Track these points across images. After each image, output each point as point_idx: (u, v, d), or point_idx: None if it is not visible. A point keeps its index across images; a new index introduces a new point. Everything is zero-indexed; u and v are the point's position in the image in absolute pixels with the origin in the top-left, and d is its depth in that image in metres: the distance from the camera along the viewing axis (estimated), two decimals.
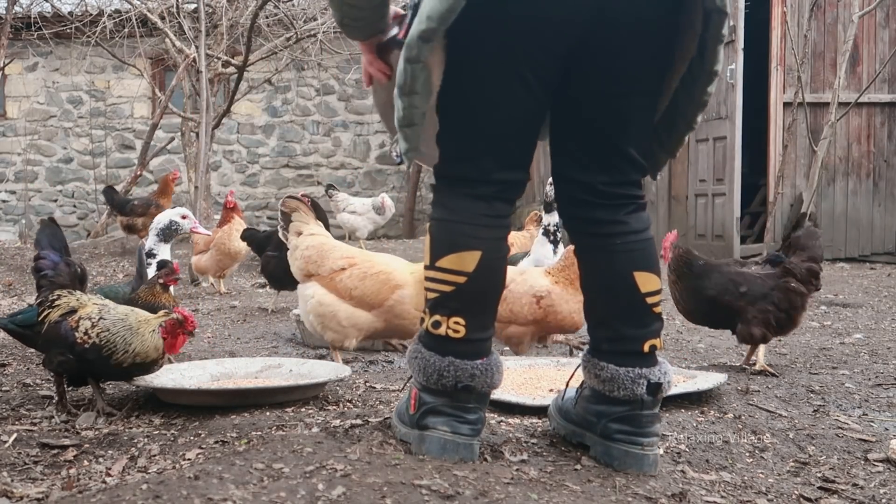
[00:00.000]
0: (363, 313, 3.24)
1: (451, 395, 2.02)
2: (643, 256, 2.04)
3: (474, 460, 2.02)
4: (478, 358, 2.02)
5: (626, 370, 2.02)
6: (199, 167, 7.28)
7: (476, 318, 2.01)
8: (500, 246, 2.05)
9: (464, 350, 2.01)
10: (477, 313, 2.02)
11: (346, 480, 1.78)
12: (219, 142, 12.97)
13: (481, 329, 2.03)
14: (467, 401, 2.02)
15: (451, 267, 1.98)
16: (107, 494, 1.74)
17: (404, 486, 1.77)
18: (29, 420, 2.57)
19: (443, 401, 2.03)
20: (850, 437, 2.46)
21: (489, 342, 2.08)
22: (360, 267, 3.28)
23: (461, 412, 2.02)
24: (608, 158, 2.04)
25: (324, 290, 3.30)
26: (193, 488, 1.73)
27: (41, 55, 13.28)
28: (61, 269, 2.81)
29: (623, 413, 2.04)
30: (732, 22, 9.41)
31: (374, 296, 3.22)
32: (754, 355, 3.41)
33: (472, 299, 2.00)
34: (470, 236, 1.98)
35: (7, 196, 13.68)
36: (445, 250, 2.00)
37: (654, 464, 2.04)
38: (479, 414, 2.06)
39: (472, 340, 2.02)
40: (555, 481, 1.93)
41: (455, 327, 1.99)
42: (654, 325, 2.05)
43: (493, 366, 2.04)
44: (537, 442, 2.23)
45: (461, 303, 1.99)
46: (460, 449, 2.01)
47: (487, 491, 1.80)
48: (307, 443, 2.07)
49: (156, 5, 9.06)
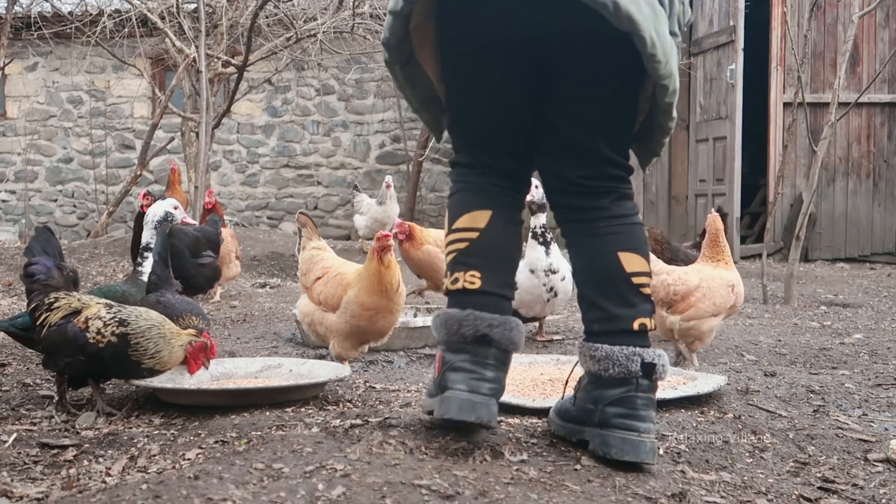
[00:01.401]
0: (330, 315, 3.41)
1: (470, 349, 2.07)
2: (628, 238, 2.12)
3: (490, 422, 2.04)
4: (496, 312, 2.09)
5: (620, 348, 2.07)
6: (199, 167, 7.28)
7: (490, 272, 2.12)
8: (512, 212, 2.20)
9: (481, 301, 2.10)
10: (491, 267, 2.13)
11: (346, 480, 1.79)
12: (219, 142, 12.97)
13: (497, 285, 2.13)
14: (486, 356, 2.07)
15: (465, 225, 2.14)
16: (107, 494, 1.74)
17: (404, 486, 1.77)
18: (29, 420, 2.57)
19: (463, 357, 2.08)
20: (850, 437, 2.46)
21: (508, 304, 2.15)
22: (328, 274, 3.51)
23: (480, 368, 2.06)
24: (582, 156, 2.15)
25: (307, 300, 3.57)
26: (193, 488, 1.73)
27: (41, 55, 13.28)
28: (54, 273, 2.80)
29: (619, 395, 2.07)
30: (732, 22, 9.42)
31: (333, 298, 3.40)
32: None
33: (486, 253, 2.12)
34: (482, 199, 2.16)
35: (7, 196, 13.67)
36: (460, 213, 2.16)
37: (652, 453, 2.04)
38: (498, 374, 2.10)
39: (489, 293, 2.11)
40: (555, 481, 1.93)
41: (471, 279, 2.10)
42: (642, 305, 2.10)
43: (512, 324, 2.11)
44: (537, 442, 2.23)
45: (476, 257, 2.12)
46: (477, 408, 2.02)
47: (487, 491, 1.80)
48: (307, 443, 2.07)
49: (156, 5, 9.06)
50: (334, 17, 8.53)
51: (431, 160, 13.11)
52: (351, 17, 8.23)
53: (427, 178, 13.33)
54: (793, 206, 9.89)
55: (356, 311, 3.31)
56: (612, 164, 2.14)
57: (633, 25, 1.89)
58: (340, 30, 8.71)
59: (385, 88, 13.39)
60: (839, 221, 9.95)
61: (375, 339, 3.42)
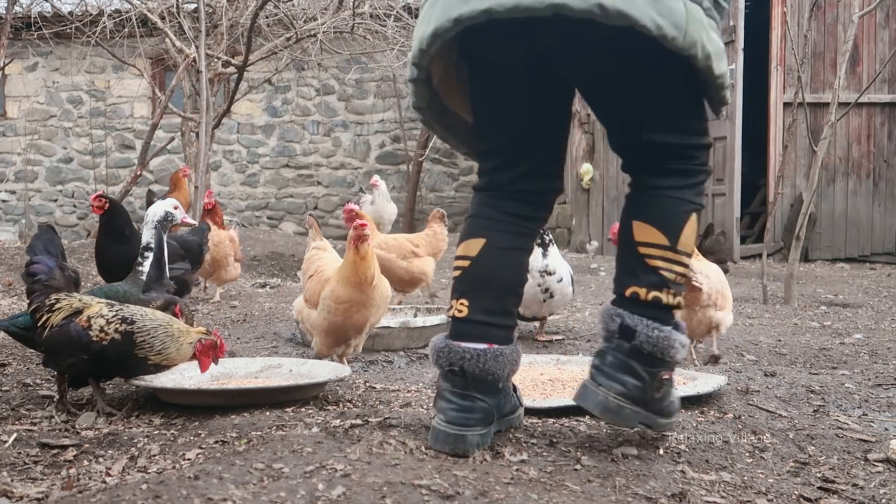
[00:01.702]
0: (313, 312, 3.42)
1: (451, 379, 2.11)
2: (648, 209, 2.13)
3: (466, 452, 2.04)
4: (480, 342, 2.10)
5: (607, 307, 2.17)
6: (199, 167, 7.28)
7: (478, 300, 2.13)
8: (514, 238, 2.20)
9: (464, 330, 2.12)
10: (479, 295, 2.14)
11: (346, 480, 1.79)
12: (219, 142, 12.97)
13: (485, 312, 2.13)
14: (463, 386, 2.09)
15: (461, 253, 2.18)
16: (107, 494, 1.74)
17: (404, 486, 1.77)
18: (29, 420, 2.57)
19: (446, 386, 2.12)
20: (850, 437, 2.46)
21: (498, 330, 2.15)
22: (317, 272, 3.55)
23: (459, 399, 2.09)
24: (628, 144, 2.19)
25: (301, 299, 3.60)
26: (193, 488, 1.73)
27: (41, 55, 13.28)
28: (55, 273, 2.80)
29: (599, 349, 2.18)
30: (732, 22, 9.42)
31: (315, 294, 3.42)
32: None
33: (475, 281, 2.15)
34: (479, 227, 2.18)
35: (7, 196, 13.68)
36: (461, 240, 2.21)
37: (601, 406, 2.09)
38: (483, 401, 2.10)
39: (474, 321, 2.12)
40: (555, 481, 1.93)
41: (460, 307, 2.14)
42: (643, 276, 2.11)
43: (489, 354, 2.10)
44: (537, 442, 2.23)
45: (466, 285, 2.15)
46: (450, 440, 2.05)
47: (487, 491, 1.80)
48: (307, 443, 2.07)
49: (156, 5, 9.06)
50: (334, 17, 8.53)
51: (431, 160, 13.11)
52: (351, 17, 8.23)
53: (427, 178, 13.32)
54: (793, 206, 9.89)
55: (331, 305, 3.28)
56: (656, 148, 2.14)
57: (628, 19, 1.86)
58: (340, 30, 8.71)
59: (385, 88, 13.40)
60: (839, 221, 9.95)
61: (353, 335, 3.37)
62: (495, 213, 2.19)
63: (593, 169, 9.83)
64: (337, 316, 3.29)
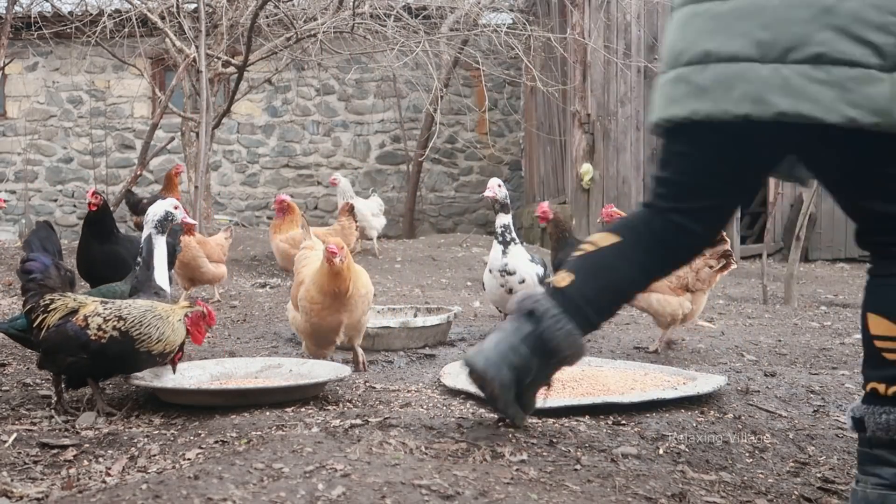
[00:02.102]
0: (296, 313, 3.43)
1: (516, 318, 2.28)
2: (880, 299, 2.01)
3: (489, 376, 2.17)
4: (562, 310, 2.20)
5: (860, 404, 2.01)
6: (199, 167, 7.28)
7: (581, 281, 2.23)
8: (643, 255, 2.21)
9: (557, 294, 2.23)
10: (584, 277, 2.23)
11: (346, 480, 1.79)
12: (219, 142, 12.97)
13: (579, 293, 2.22)
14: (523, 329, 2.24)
15: (592, 240, 2.29)
16: (107, 494, 1.74)
17: (404, 486, 1.77)
18: (29, 420, 2.57)
19: (506, 324, 2.29)
20: (850, 437, 2.46)
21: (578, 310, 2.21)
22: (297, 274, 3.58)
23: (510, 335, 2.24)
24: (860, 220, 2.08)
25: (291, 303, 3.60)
26: (193, 488, 1.73)
27: (41, 55, 13.28)
28: (51, 272, 2.79)
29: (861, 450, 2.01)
30: None
31: (294, 297, 3.45)
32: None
33: (588, 265, 2.25)
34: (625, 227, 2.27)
35: (7, 196, 13.66)
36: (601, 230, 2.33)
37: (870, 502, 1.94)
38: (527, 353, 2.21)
39: (567, 294, 2.22)
40: (555, 481, 1.93)
41: (564, 277, 2.25)
42: (881, 370, 1.97)
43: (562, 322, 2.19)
44: (537, 442, 2.23)
45: (578, 264, 2.26)
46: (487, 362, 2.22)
47: (487, 491, 1.80)
48: (307, 443, 2.07)
49: (156, 5, 9.05)
50: (334, 17, 8.52)
51: (431, 160, 13.11)
52: (351, 17, 8.22)
53: (427, 178, 13.32)
54: (793, 206, 9.88)
55: (306, 305, 3.30)
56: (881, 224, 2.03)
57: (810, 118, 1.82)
58: (340, 30, 8.70)
59: (385, 88, 13.40)
60: (839, 221, 9.93)
61: (332, 336, 3.34)
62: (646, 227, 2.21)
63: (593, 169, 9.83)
64: (313, 316, 3.29)
